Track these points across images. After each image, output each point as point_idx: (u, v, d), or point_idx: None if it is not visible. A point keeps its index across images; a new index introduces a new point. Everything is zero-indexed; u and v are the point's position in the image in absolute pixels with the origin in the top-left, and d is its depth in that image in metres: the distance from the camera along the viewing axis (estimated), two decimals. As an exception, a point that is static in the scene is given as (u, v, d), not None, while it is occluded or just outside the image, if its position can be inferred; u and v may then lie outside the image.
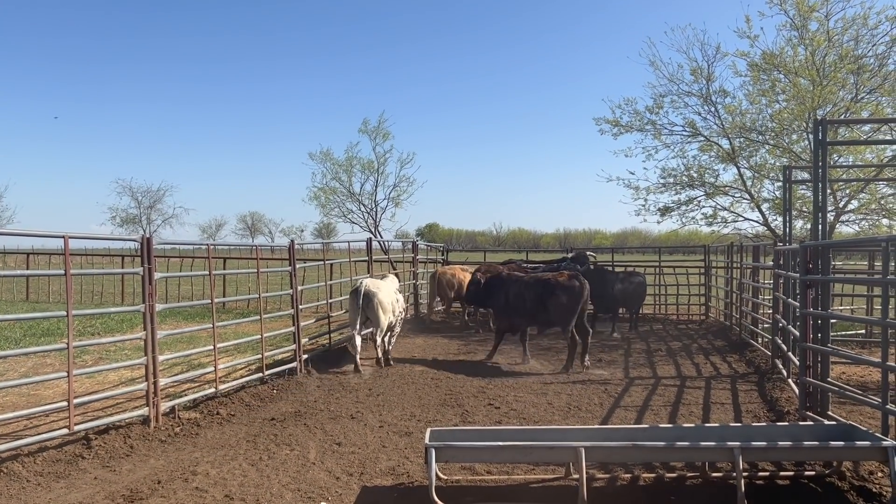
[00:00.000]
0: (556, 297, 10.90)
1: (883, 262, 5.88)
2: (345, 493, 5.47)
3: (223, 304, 18.57)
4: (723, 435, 5.63)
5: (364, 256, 13.90)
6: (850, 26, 14.68)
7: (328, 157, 24.33)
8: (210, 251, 9.32)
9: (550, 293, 10.97)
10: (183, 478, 5.79)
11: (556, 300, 10.91)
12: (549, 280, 11.22)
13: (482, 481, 5.71)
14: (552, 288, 11.01)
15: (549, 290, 11.01)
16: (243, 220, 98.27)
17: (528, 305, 11.13)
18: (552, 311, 10.97)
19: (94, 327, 14.19)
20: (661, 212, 18.19)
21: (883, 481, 5.43)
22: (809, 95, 14.41)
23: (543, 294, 11.03)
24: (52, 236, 6.50)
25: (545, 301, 11.00)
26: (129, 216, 58.06)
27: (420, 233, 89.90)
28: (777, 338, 10.16)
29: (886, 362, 5.72)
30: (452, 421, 7.69)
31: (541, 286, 11.15)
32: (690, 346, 13.32)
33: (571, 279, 11.08)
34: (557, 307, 10.91)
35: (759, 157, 17.27)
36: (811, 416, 6.99)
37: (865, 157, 14.93)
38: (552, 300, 10.94)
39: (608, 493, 5.41)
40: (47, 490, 5.54)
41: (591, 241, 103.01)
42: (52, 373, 7.12)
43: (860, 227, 15.70)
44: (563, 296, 10.87)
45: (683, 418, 7.82)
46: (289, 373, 9.87)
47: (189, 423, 7.46)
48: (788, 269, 9.14)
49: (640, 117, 17.87)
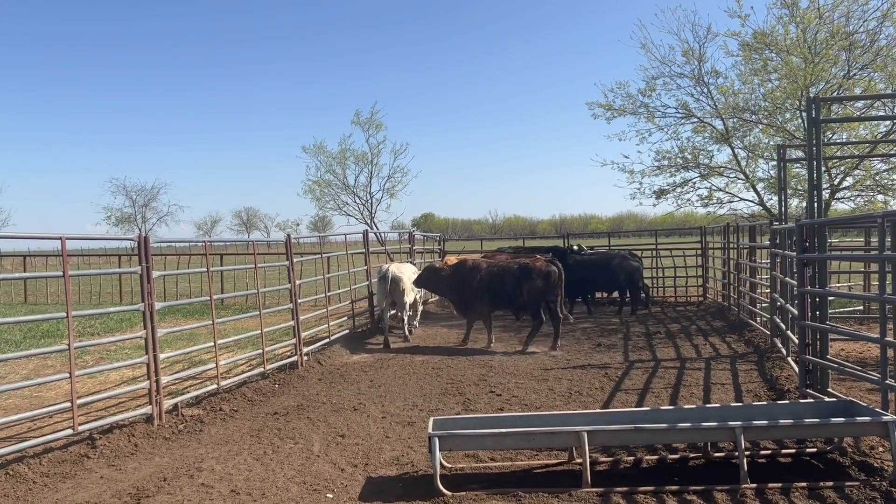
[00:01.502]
0: (532, 281, 11.43)
1: (879, 238, 5.90)
2: (350, 484, 5.50)
3: (222, 300, 18.60)
4: (724, 415, 5.66)
5: (361, 249, 13.89)
6: (841, 2, 14.70)
7: (322, 149, 24.29)
8: (207, 248, 9.31)
9: (525, 278, 11.44)
10: (188, 474, 5.82)
11: (530, 285, 11.40)
12: (526, 265, 11.66)
13: (486, 468, 5.74)
14: (527, 273, 11.47)
15: (526, 274, 11.47)
16: (238, 215, 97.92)
17: (505, 289, 11.60)
18: (526, 295, 11.45)
19: (93, 327, 14.20)
20: (656, 194, 18.23)
21: (884, 456, 5.48)
22: (802, 73, 14.40)
23: (520, 279, 11.49)
24: (49, 238, 6.50)
25: (520, 286, 11.47)
26: (124, 215, 58.07)
27: (416, 223, 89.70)
28: (775, 317, 10.21)
29: (885, 338, 5.76)
30: (455, 409, 7.72)
31: (515, 272, 11.60)
32: (689, 328, 13.36)
33: (547, 265, 11.54)
34: (530, 291, 11.40)
35: (753, 136, 17.32)
36: (811, 393, 7.04)
37: (859, 134, 14.93)
38: (526, 285, 11.41)
39: (611, 476, 5.44)
40: (54, 491, 5.56)
41: (587, 225, 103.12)
42: (54, 374, 7.12)
43: (856, 204, 15.76)
44: (539, 280, 11.42)
45: (684, 400, 7.86)
46: (290, 367, 9.90)
47: (192, 419, 7.48)
48: (785, 248, 9.18)
49: (633, 100, 17.86)
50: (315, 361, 10.48)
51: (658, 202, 18.42)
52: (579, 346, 11.54)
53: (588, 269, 15.53)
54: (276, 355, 10.27)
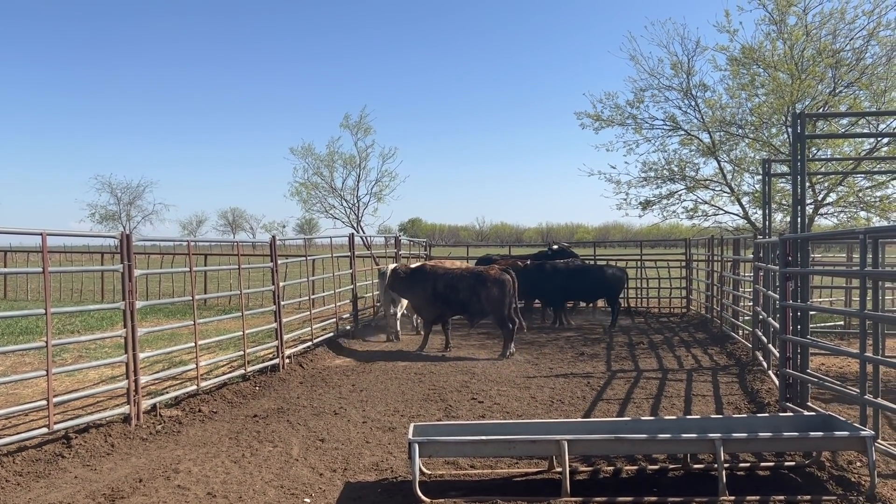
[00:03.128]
0: (488, 289, 11.65)
1: (861, 255, 5.95)
2: (328, 489, 5.46)
3: (204, 300, 18.45)
4: (704, 426, 5.68)
5: (346, 252, 13.84)
6: (828, 20, 14.84)
7: (309, 151, 24.20)
8: (191, 248, 9.23)
9: (482, 286, 11.72)
10: (165, 476, 5.75)
11: (487, 292, 11.67)
12: (481, 273, 11.95)
13: (466, 475, 5.71)
14: (483, 280, 11.76)
15: (481, 282, 11.75)
16: (224, 216, 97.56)
17: (459, 297, 11.82)
18: (484, 301, 11.73)
19: (73, 325, 14.03)
20: (642, 206, 18.35)
21: (861, 471, 5.51)
22: (788, 89, 14.55)
23: (475, 286, 11.73)
24: (30, 233, 6.41)
25: (477, 293, 11.72)
26: (109, 213, 57.33)
27: (403, 228, 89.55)
28: (757, 330, 10.27)
29: (865, 353, 5.80)
30: (436, 416, 7.69)
31: (472, 279, 11.84)
32: (672, 339, 13.41)
33: (502, 273, 11.83)
34: (488, 299, 11.68)
35: (739, 150, 17.47)
36: (791, 407, 7.07)
37: (844, 151, 15.11)
38: (484, 292, 11.69)
39: (591, 485, 5.43)
40: (27, 490, 5.48)
41: (574, 234, 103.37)
42: (31, 371, 7.02)
43: (839, 220, 15.91)
44: (495, 288, 11.65)
45: (665, 410, 7.88)
46: (271, 369, 9.83)
47: (171, 420, 7.40)
48: (768, 262, 9.24)
49: (621, 111, 17.98)
50: (297, 364, 10.41)
51: (644, 213, 18.57)
52: (562, 355, 11.54)
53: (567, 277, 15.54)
54: (258, 357, 10.20)
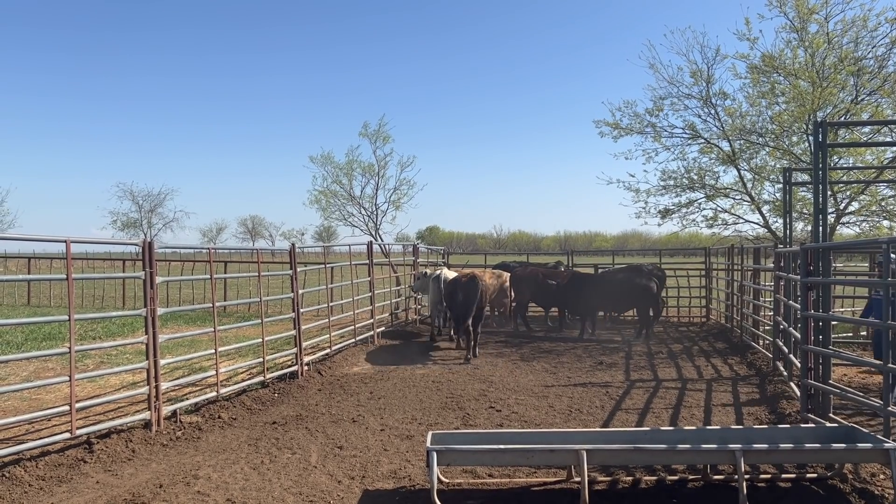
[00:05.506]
0: (454, 294, 12.35)
1: (884, 264, 5.88)
2: (346, 496, 5.47)
3: (224, 307, 18.55)
4: (724, 437, 5.63)
5: (365, 260, 13.90)
6: (850, 28, 14.73)
7: (329, 160, 24.32)
8: (211, 255, 9.32)
9: (451, 291, 12.46)
10: (185, 482, 5.80)
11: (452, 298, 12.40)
12: (456, 279, 12.64)
13: (484, 484, 5.71)
14: (452, 286, 12.49)
15: (450, 288, 12.53)
16: (244, 223, 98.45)
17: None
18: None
19: (95, 331, 14.21)
20: (661, 214, 18.25)
21: (885, 483, 5.43)
22: (809, 97, 14.43)
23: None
24: (55, 241, 6.51)
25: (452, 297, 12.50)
26: (130, 220, 57.88)
27: (420, 236, 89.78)
28: (778, 340, 10.16)
29: (888, 364, 5.73)
30: (454, 424, 7.69)
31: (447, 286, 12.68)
32: (691, 349, 13.31)
33: (471, 280, 12.38)
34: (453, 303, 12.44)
35: (760, 159, 17.34)
36: (813, 418, 6.99)
37: (865, 159, 14.93)
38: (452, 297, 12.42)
39: (610, 495, 5.41)
40: (49, 494, 5.55)
41: (592, 243, 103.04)
42: (54, 377, 7.13)
43: (861, 229, 15.71)
44: (460, 293, 12.25)
45: (685, 421, 7.81)
46: (290, 376, 9.88)
47: (191, 426, 7.46)
48: (789, 271, 9.15)
49: (640, 120, 17.94)
50: (315, 371, 10.46)
51: (663, 222, 18.47)
52: (580, 364, 11.50)
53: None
54: (277, 364, 10.26)
